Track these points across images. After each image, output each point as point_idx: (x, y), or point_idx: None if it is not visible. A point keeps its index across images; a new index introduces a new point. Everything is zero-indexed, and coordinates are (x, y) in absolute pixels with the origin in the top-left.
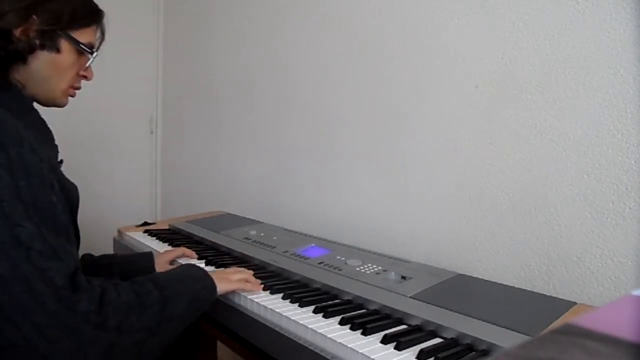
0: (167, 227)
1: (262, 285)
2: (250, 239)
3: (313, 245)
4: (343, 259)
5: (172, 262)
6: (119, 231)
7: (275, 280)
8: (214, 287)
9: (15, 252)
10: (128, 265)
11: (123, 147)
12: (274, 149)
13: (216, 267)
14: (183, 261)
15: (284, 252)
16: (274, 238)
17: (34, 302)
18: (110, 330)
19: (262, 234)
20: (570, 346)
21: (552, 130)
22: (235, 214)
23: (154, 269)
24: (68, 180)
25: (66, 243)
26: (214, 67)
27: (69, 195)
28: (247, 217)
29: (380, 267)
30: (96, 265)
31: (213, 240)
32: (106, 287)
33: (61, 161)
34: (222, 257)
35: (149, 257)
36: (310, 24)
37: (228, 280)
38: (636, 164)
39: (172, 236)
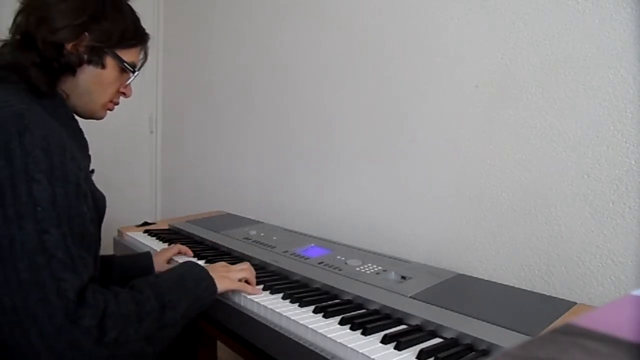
0: (167, 227)
1: (261, 288)
2: (250, 239)
3: (313, 245)
4: (343, 259)
5: (169, 260)
6: (119, 231)
7: (275, 280)
8: (214, 287)
9: (39, 259)
10: (127, 265)
11: (123, 147)
12: (274, 149)
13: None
14: (179, 258)
15: (284, 252)
16: (274, 238)
17: (45, 312)
18: (109, 344)
19: (262, 234)
20: (570, 346)
21: (552, 130)
22: (235, 214)
23: (153, 268)
24: (98, 190)
25: (87, 255)
26: (214, 67)
27: (98, 205)
28: (247, 217)
29: (380, 267)
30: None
31: (213, 240)
32: (108, 299)
33: (92, 171)
34: (222, 257)
35: (147, 256)
36: (310, 24)
37: (229, 280)
38: (636, 164)
39: (172, 236)
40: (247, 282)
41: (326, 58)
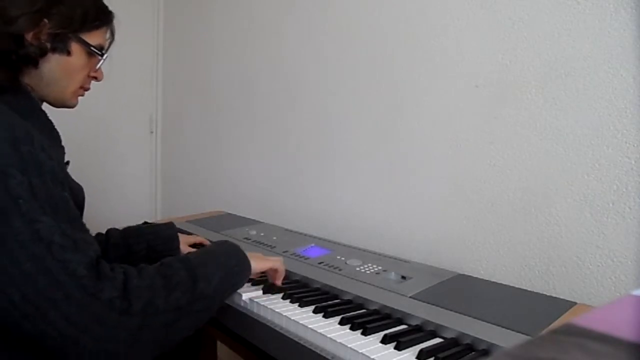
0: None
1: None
2: (250, 239)
3: (313, 245)
4: (343, 259)
5: (192, 245)
6: None
7: None
8: (248, 263)
9: (37, 248)
10: (153, 234)
11: (123, 147)
12: (274, 149)
13: None
14: None
15: (284, 252)
16: (274, 238)
17: (61, 293)
18: (136, 314)
19: (262, 234)
20: (570, 346)
21: (552, 130)
22: (235, 214)
23: (177, 237)
24: (74, 181)
25: (84, 234)
26: (214, 67)
27: (75, 197)
28: (247, 217)
29: (380, 267)
30: (124, 237)
31: (213, 240)
32: (129, 272)
33: (67, 162)
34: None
35: (171, 226)
36: (310, 24)
37: (263, 259)
38: (636, 164)
39: None
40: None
41: (326, 58)
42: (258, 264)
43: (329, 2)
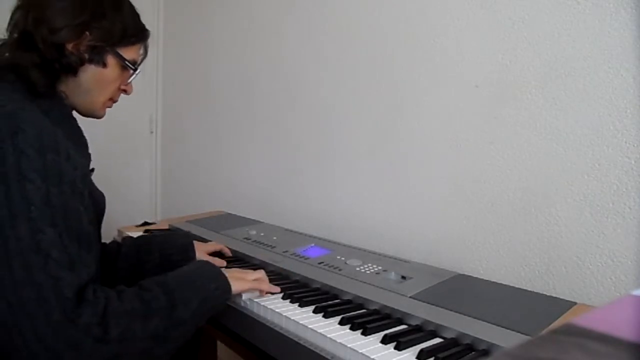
0: (167, 227)
1: (279, 288)
2: (250, 239)
3: (313, 245)
4: (343, 259)
5: (211, 254)
6: (119, 231)
7: (275, 280)
8: (228, 286)
9: (33, 258)
10: (167, 243)
11: (123, 147)
12: (274, 149)
13: None
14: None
15: (284, 252)
16: (274, 238)
17: (41, 311)
18: (112, 342)
19: (262, 234)
20: (570, 346)
21: (552, 130)
22: (235, 214)
23: (192, 246)
24: (97, 189)
25: (86, 254)
26: (214, 67)
27: (97, 204)
28: (247, 217)
29: (380, 267)
30: (136, 246)
31: (213, 240)
32: (109, 296)
33: (92, 170)
34: (222, 257)
35: (186, 234)
36: (310, 23)
37: (244, 280)
38: (636, 164)
39: None
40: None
41: (326, 58)
42: (238, 285)
43: (329, 2)
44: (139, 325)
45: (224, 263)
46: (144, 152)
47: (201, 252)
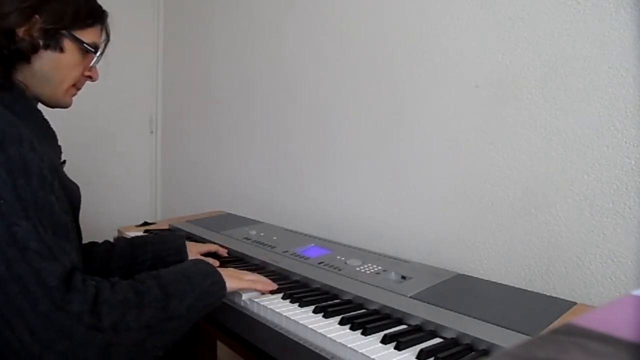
0: (167, 227)
1: (276, 285)
2: (250, 239)
3: (313, 245)
4: (343, 259)
5: (205, 254)
6: (118, 231)
7: (275, 280)
8: (222, 283)
9: (11, 252)
10: (161, 244)
11: (123, 147)
12: (274, 149)
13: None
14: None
15: (284, 252)
16: (274, 238)
17: (28, 303)
18: (105, 330)
19: (262, 234)
20: (570, 346)
21: (552, 130)
22: (235, 214)
23: (185, 247)
24: (70, 180)
25: (65, 242)
26: (214, 66)
27: (71, 196)
28: (247, 217)
29: (380, 267)
30: (131, 246)
31: (213, 240)
32: (102, 286)
33: (64, 162)
34: (217, 258)
35: (180, 235)
36: (310, 23)
37: (239, 279)
38: (636, 164)
39: None
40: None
41: (326, 58)
42: (233, 283)
43: (329, 2)
44: (133, 315)
45: (217, 263)
46: (144, 152)
47: (194, 253)
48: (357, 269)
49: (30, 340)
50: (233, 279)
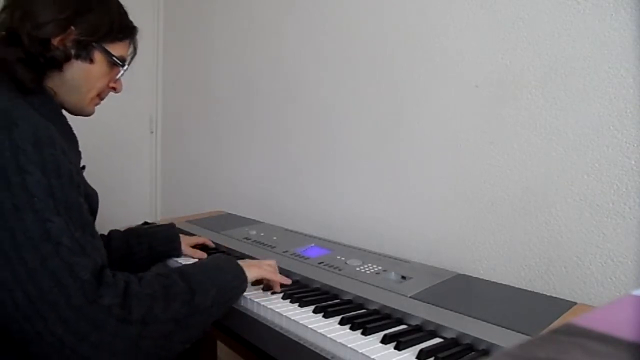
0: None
1: (290, 280)
2: (250, 239)
3: (313, 245)
4: (343, 259)
5: (194, 246)
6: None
7: None
8: (244, 275)
9: (45, 247)
10: (154, 235)
11: (123, 147)
12: (274, 149)
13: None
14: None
15: (284, 252)
16: (274, 238)
17: (62, 296)
18: (135, 323)
19: (262, 234)
20: (570, 346)
21: (552, 130)
22: (235, 214)
23: (178, 237)
24: (89, 186)
25: (93, 239)
26: (214, 66)
27: (90, 201)
28: (247, 217)
29: (380, 267)
30: (125, 238)
31: (213, 240)
32: (130, 280)
33: (83, 167)
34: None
35: (172, 226)
36: (310, 23)
37: (258, 267)
38: (636, 164)
39: None
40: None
41: (326, 58)
42: (253, 272)
43: (329, 2)
44: (160, 308)
45: (205, 255)
46: (144, 152)
47: (185, 244)
48: (357, 269)
49: (64, 333)
50: (253, 268)
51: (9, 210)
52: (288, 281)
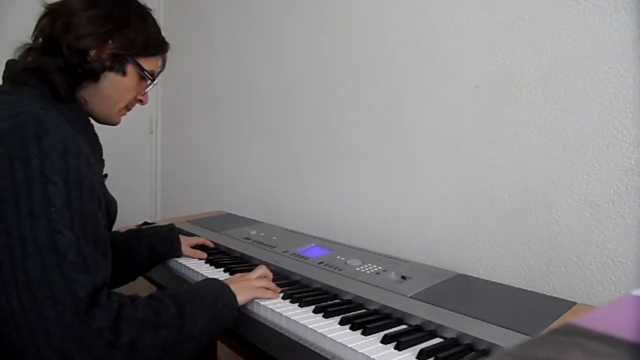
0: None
1: (282, 293)
2: (250, 239)
3: (313, 245)
4: (343, 259)
5: (194, 247)
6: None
7: (275, 280)
8: (235, 303)
9: (50, 258)
10: (154, 236)
11: (123, 147)
12: (274, 149)
13: (216, 267)
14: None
15: (284, 252)
16: (274, 238)
17: (53, 311)
18: (123, 348)
19: (262, 234)
20: (570, 346)
21: (552, 130)
22: (235, 214)
23: (178, 238)
24: (109, 194)
25: (102, 258)
26: (214, 66)
27: (109, 209)
28: (247, 217)
29: (380, 267)
30: (126, 239)
31: (213, 240)
32: (123, 302)
33: (106, 175)
34: (222, 257)
35: (172, 227)
36: (311, 23)
37: (250, 289)
38: (636, 164)
39: None
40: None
41: (326, 58)
42: (244, 296)
43: (329, 2)
44: (150, 334)
45: (205, 255)
46: (144, 152)
47: (185, 245)
48: (357, 269)
49: (48, 349)
50: (243, 291)
51: (25, 215)
52: (278, 296)
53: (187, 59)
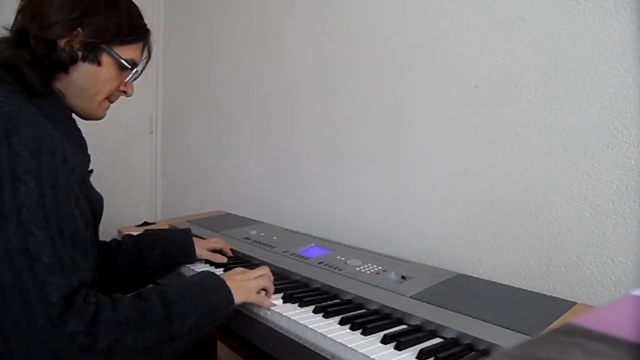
0: (167, 227)
1: (282, 293)
2: (250, 239)
3: (313, 245)
4: (343, 259)
5: (212, 251)
6: (118, 231)
7: (275, 280)
8: (231, 299)
9: (21, 261)
10: (168, 240)
11: (123, 147)
12: (274, 149)
13: (216, 268)
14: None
15: (284, 252)
16: (274, 238)
17: (25, 316)
18: (99, 352)
19: (262, 234)
20: (570, 346)
21: (552, 130)
22: (235, 214)
23: (192, 243)
24: (95, 190)
25: (81, 257)
26: (214, 66)
27: (94, 206)
28: (247, 217)
29: (380, 267)
30: (137, 243)
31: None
32: (103, 304)
33: (91, 171)
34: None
35: (187, 231)
36: (311, 23)
37: (247, 291)
38: (636, 164)
39: None
40: (265, 290)
41: (326, 58)
42: (241, 297)
43: (329, 2)
44: (131, 336)
45: (225, 259)
46: (144, 152)
47: (202, 248)
48: (357, 269)
49: (21, 353)
50: (241, 292)
51: None
52: (273, 305)
53: (187, 59)
